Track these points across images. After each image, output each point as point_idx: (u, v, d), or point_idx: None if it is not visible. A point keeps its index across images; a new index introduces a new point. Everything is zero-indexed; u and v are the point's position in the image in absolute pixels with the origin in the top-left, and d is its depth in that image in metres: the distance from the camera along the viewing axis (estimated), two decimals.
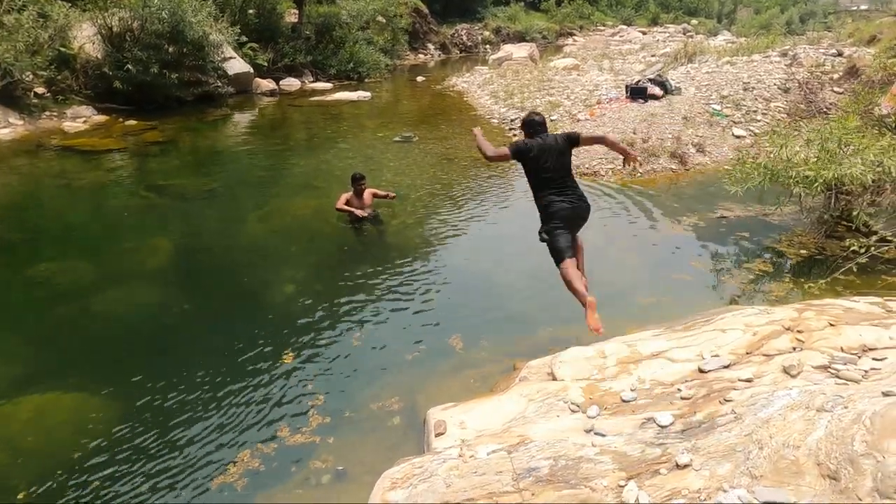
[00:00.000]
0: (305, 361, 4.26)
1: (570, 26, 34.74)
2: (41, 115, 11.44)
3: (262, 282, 5.43)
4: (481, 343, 4.47)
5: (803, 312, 3.80)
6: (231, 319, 4.83)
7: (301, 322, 4.76)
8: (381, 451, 3.41)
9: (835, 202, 6.01)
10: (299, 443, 3.51)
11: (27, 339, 4.60)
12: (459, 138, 10.55)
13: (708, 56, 14.53)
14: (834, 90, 11.16)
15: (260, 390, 3.95)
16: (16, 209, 7.38)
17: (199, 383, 4.00)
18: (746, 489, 2.20)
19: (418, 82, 18.59)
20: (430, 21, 26.75)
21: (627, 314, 4.81)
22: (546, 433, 2.90)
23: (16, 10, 11.23)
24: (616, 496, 2.34)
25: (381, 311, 4.93)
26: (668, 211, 7.12)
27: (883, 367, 2.92)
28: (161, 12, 12.26)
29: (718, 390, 3.00)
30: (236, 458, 3.38)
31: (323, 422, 3.68)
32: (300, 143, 11.01)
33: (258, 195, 7.82)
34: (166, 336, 4.60)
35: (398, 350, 4.40)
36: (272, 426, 3.64)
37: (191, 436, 3.55)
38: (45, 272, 5.60)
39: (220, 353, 4.35)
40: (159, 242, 6.33)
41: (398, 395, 3.91)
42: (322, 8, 19.08)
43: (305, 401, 3.86)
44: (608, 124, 9.84)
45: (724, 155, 9.09)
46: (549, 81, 14.30)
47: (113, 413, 3.73)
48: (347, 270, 5.59)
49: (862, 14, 26.83)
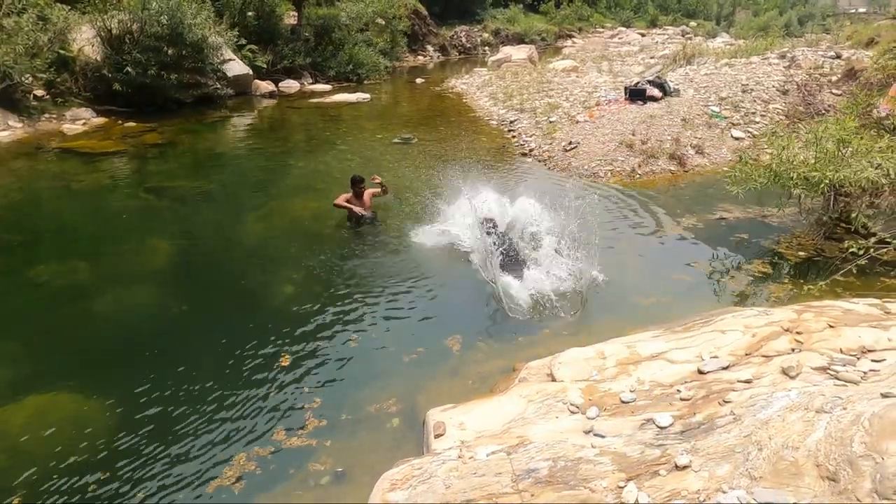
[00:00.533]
0: (303, 363, 4.26)
1: (568, 28, 34.79)
2: (40, 117, 11.46)
3: (261, 283, 5.43)
4: (480, 344, 4.47)
5: (802, 314, 3.80)
6: (229, 321, 4.82)
7: (299, 323, 4.75)
8: (380, 452, 3.40)
9: (834, 204, 6.02)
10: (297, 445, 3.50)
11: (26, 340, 4.60)
12: (458, 140, 10.57)
13: (706, 58, 14.56)
14: (832, 92, 11.18)
15: (258, 392, 3.95)
16: (15, 211, 7.38)
17: (197, 385, 4.00)
18: (746, 490, 2.20)
19: (417, 84, 18.62)
20: (429, 23, 26.79)
21: (627, 315, 4.81)
22: (545, 434, 2.90)
23: (15, 13, 11.24)
24: (615, 497, 2.34)
25: (379, 312, 4.93)
26: (668, 212, 7.13)
27: (882, 369, 2.93)
28: (160, 15, 12.28)
29: (718, 391, 3.00)
30: (233, 460, 3.38)
31: (321, 423, 3.67)
32: (299, 145, 11.01)
33: (257, 197, 7.82)
34: (165, 338, 4.59)
35: (397, 351, 4.40)
36: (270, 428, 3.63)
37: (188, 438, 3.55)
38: (45, 273, 5.60)
39: (219, 354, 4.34)
40: (158, 244, 6.33)
41: (397, 396, 3.90)
42: (321, 10, 19.11)
43: (303, 403, 3.86)
44: (607, 126, 9.85)
45: (723, 156, 9.10)
46: (548, 83, 14.31)
47: (111, 414, 3.73)
48: (346, 272, 5.60)
49: (860, 17, 26.90)
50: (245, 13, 16.45)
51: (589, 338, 4.16)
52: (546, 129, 10.51)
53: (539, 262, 5.47)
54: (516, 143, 10.46)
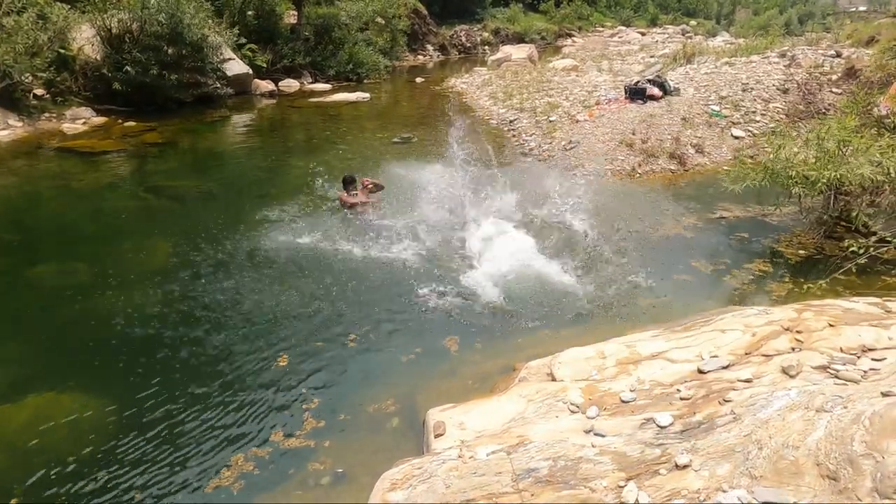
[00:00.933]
0: (302, 363, 4.26)
1: (568, 27, 34.75)
2: (40, 116, 11.45)
3: (260, 283, 5.42)
4: (480, 344, 4.47)
5: (802, 313, 3.80)
6: (228, 321, 4.82)
7: (298, 323, 4.75)
8: (380, 452, 3.40)
9: (834, 203, 6.02)
10: (296, 445, 3.50)
11: (26, 340, 4.60)
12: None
13: (707, 57, 14.54)
14: (833, 91, 11.17)
15: (256, 392, 3.94)
16: (15, 211, 7.38)
17: (197, 385, 4.00)
18: (746, 489, 2.20)
19: (417, 83, 18.60)
20: (429, 22, 26.76)
21: (627, 314, 4.81)
22: (545, 434, 2.90)
23: (15, 12, 11.24)
24: (616, 497, 2.34)
25: (378, 312, 4.93)
26: (668, 211, 7.12)
27: (882, 368, 2.93)
28: (160, 14, 12.27)
29: (718, 391, 3.00)
30: (232, 461, 3.37)
31: (319, 424, 3.67)
32: (299, 145, 11.01)
33: (257, 196, 7.81)
34: (164, 338, 4.59)
35: (396, 351, 4.40)
36: (269, 429, 3.63)
37: (187, 438, 3.55)
38: (44, 273, 5.60)
39: (218, 354, 4.34)
40: (158, 243, 6.32)
41: (397, 396, 3.90)
42: (321, 9, 19.08)
43: (302, 403, 3.85)
44: (607, 125, 9.84)
45: (723, 155, 9.10)
46: (548, 82, 14.30)
47: (111, 415, 3.73)
48: (346, 272, 5.59)
49: (860, 15, 26.84)
50: (245, 12, 16.43)
51: (589, 337, 4.16)
52: (546, 128, 10.50)
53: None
54: (516, 142, 10.45)
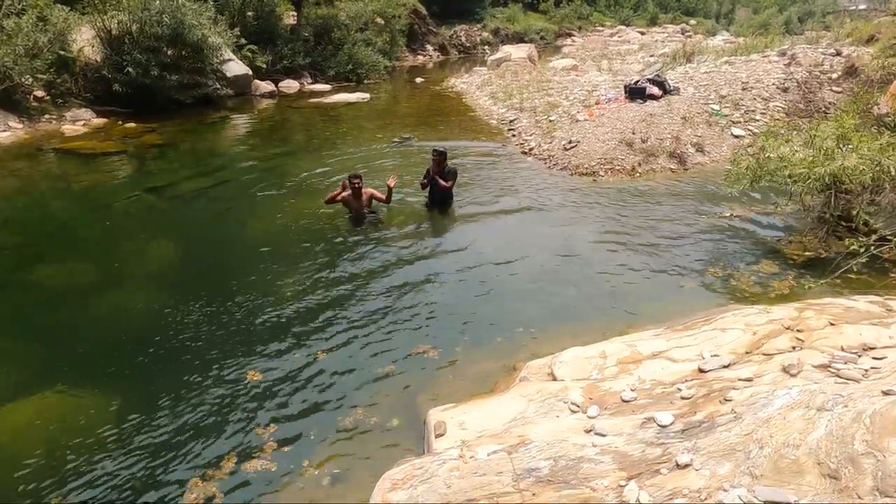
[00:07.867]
0: (302, 363, 4.26)
1: (568, 27, 34.75)
2: (41, 118, 11.46)
3: (262, 283, 5.43)
4: (481, 343, 4.47)
5: (803, 311, 3.80)
6: (230, 321, 4.82)
7: (298, 323, 4.76)
8: (381, 451, 3.40)
9: (835, 201, 6.00)
10: (296, 445, 3.50)
11: (26, 341, 4.60)
12: (458, 140, 10.56)
13: (706, 56, 14.54)
14: (833, 90, 11.16)
15: (258, 391, 3.95)
16: (15, 212, 7.38)
17: (199, 384, 4.00)
18: (747, 488, 2.20)
19: (417, 83, 18.60)
20: (428, 22, 26.77)
21: (627, 314, 4.81)
22: (546, 433, 2.90)
23: (15, 13, 11.24)
24: (617, 496, 2.34)
25: (380, 312, 4.93)
26: (668, 211, 7.12)
27: (883, 366, 2.92)
28: (160, 16, 12.27)
29: (718, 390, 3.00)
30: (231, 461, 3.37)
31: (320, 424, 3.67)
32: (299, 145, 11.01)
33: (257, 197, 7.81)
34: (165, 338, 4.59)
35: (397, 350, 4.39)
36: (269, 426, 3.63)
37: (188, 437, 3.55)
38: (45, 274, 5.60)
39: (220, 354, 4.34)
40: (158, 245, 6.33)
41: (398, 395, 3.90)
42: (320, 10, 19.10)
43: (303, 402, 3.85)
44: (607, 125, 9.83)
45: (724, 154, 9.09)
46: (547, 82, 14.30)
47: (111, 415, 3.73)
48: (346, 272, 5.60)
49: (860, 14, 26.79)
50: (244, 13, 16.44)
51: (589, 337, 4.16)
52: (546, 127, 10.50)
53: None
54: (516, 142, 10.45)
